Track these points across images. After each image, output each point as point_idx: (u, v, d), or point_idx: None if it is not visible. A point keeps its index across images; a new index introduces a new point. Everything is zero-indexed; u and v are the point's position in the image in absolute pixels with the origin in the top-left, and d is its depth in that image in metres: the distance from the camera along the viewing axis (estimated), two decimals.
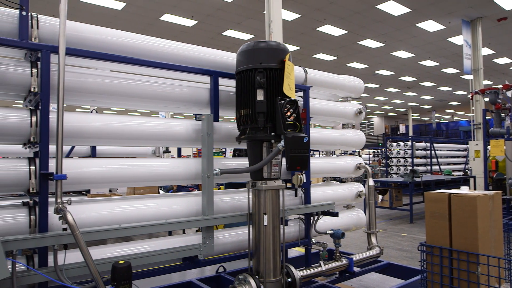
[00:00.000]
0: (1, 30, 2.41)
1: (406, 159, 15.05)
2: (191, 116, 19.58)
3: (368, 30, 13.27)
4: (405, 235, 7.77)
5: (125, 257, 2.48)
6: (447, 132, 31.54)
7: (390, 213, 10.61)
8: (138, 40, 3.03)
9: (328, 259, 3.52)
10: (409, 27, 12.96)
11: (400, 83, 22.90)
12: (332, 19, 12.19)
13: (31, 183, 2.38)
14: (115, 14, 11.40)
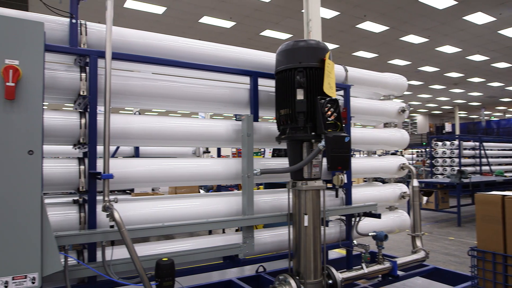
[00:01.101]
0: (54, 38, 2.54)
1: (453, 159, 14.34)
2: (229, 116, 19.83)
3: (411, 25, 12.79)
4: (452, 238, 7.42)
5: (167, 254, 2.54)
6: (498, 130, 29.76)
7: (435, 215, 10.17)
8: (179, 43, 3.10)
9: (370, 261, 3.43)
10: (455, 20, 12.34)
11: (445, 80, 21.90)
12: (373, 15, 11.86)
13: (81, 182, 2.50)
14: (156, 18, 11.75)
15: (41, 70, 1.87)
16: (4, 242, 1.76)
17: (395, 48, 15.58)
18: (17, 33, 1.82)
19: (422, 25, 12.80)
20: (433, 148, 14.92)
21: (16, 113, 1.79)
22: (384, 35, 13.82)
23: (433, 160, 14.76)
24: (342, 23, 12.53)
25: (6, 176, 1.77)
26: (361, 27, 12.95)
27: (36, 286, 1.83)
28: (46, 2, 2.52)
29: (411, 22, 12.53)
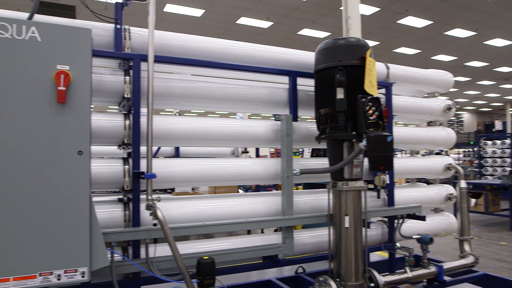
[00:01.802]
0: (100, 43, 2.65)
1: (504, 159, 13.52)
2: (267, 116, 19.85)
3: (457, 18, 12.20)
4: (504, 244, 6.99)
5: (207, 253, 2.57)
6: None
7: (485, 218, 9.64)
8: (217, 44, 3.13)
9: (414, 265, 3.30)
10: (506, 11, 11.63)
11: (495, 75, 20.69)
12: (415, 9, 11.43)
13: (125, 181, 2.59)
14: (195, 21, 11.99)
15: (89, 75, 1.96)
16: (56, 238, 1.86)
17: (439, 43, 14.93)
18: (68, 40, 1.92)
19: (469, 18, 12.18)
20: (482, 147, 14.14)
21: (67, 115, 1.89)
22: (427, 30, 13.28)
23: (482, 160, 14.00)
24: (382, 19, 12.19)
25: (58, 176, 1.87)
26: (402, 23, 12.53)
27: (85, 280, 1.92)
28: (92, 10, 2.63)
29: (457, 15, 11.95)
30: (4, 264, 1.76)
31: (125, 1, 2.61)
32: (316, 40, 13.76)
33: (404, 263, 3.29)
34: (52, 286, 1.88)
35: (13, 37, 1.82)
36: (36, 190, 1.83)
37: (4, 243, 1.77)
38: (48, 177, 1.86)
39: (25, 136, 1.82)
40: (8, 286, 1.77)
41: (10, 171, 1.79)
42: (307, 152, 7.90)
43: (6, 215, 1.77)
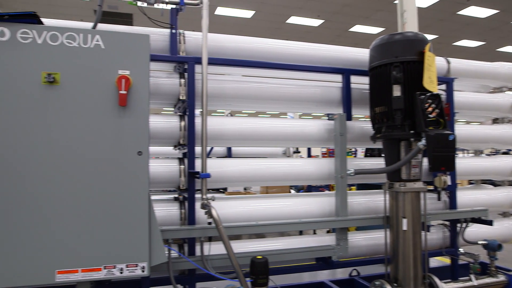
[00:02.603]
0: (156, 48, 2.76)
1: None
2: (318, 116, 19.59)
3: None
4: None
5: (259, 253, 2.58)
6: None
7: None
8: (268, 44, 3.14)
9: (480, 273, 3.08)
10: None
11: None
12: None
13: (181, 181, 2.68)
14: (245, 22, 12.14)
15: (147, 78, 2.05)
16: (118, 234, 1.96)
17: (506, 34, 13.82)
18: (128, 46, 2.02)
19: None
20: None
21: (127, 118, 1.99)
22: (491, 20, 12.35)
23: None
24: (441, 11, 11.52)
25: (119, 175, 1.97)
26: (463, 14, 11.76)
27: (145, 274, 2.01)
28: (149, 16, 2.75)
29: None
30: (73, 257, 1.90)
31: (179, 7, 2.70)
32: (368, 37, 13.35)
33: (467, 270, 3.09)
34: (115, 278, 1.99)
35: (80, 45, 1.95)
36: (100, 189, 1.95)
37: (73, 239, 1.90)
38: (111, 177, 1.97)
39: (90, 138, 1.94)
40: (77, 277, 1.90)
41: (77, 171, 1.92)
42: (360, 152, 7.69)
43: (74, 212, 1.91)
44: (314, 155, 9.16)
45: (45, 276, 1.86)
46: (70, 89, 1.93)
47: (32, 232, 1.85)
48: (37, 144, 1.87)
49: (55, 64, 1.91)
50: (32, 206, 1.86)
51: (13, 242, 1.82)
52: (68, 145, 1.91)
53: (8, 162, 1.83)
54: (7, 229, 1.82)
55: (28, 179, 1.86)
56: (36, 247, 1.85)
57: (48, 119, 1.89)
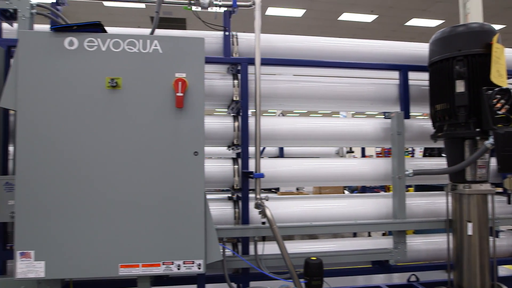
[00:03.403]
0: (210, 50, 2.83)
1: None
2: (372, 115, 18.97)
3: None
4: None
5: (311, 254, 2.55)
6: None
7: None
8: (320, 43, 3.11)
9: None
10: None
11: None
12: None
13: (235, 180, 2.72)
14: (296, 21, 12.07)
15: (203, 80, 2.10)
16: (176, 232, 2.03)
17: None
18: (184, 49, 2.09)
19: None
20: None
21: (184, 119, 2.05)
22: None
23: None
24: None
25: (176, 175, 2.04)
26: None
27: (201, 271, 2.06)
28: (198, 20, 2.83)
29: None
30: (135, 253, 1.99)
31: (232, 9, 2.74)
32: (426, 30, 12.70)
33: None
34: (173, 274, 2.06)
35: (140, 51, 2.05)
36: (159, 188, 2.03)
37: (134, 235, 2.00)
38: (169, 176, 2.04)
39: (149, 139, 2.03)
40: (138, 271, 1.99)
41: (138, 171, 2.02)
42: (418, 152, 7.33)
43: (134, 210, 2.00)
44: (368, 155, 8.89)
45: (109, 269, 1.97)
46: (130, 92, 2.03)
47: (98, 229, 1.97)
48: (101, 145, 1.99)
49: (117, 69, 2.03)
50: (97, 204, 1.98)
51: (82, 238, 1.95)
52: (129, 146, 2.01)
53: (75, 162, 1.97)
54: (75, 226, 1.95)
55: (93, 179, 1.98)
56: (102, 243, 1.97)
57: (111, 122, 2.01)
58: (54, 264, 1.93)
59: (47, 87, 1.97)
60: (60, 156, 1.96)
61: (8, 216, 2.11)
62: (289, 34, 3.12)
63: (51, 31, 2.01)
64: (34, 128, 1.95)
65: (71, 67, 1.99)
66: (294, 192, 6.80)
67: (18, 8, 2.35)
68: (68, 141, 1.97)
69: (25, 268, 1.92)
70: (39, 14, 2.48)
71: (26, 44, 1.98)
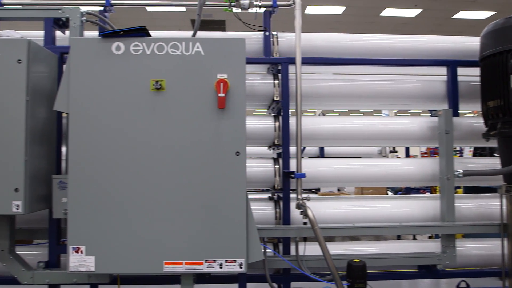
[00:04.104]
0: (250, 51, 2.84)
1: None
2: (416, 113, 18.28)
3: None
4: None
5: (354, 256, 2.49)
6: None
7: None
8: (362, 40, 3.05)
9: None
10: None
11: None
12: None
13: (276, 181, 2.72)
14: (336, 19, 11.87)
15: (244, 81, 2.12)
16: (218, 231, 2.06)
17: None
18: (225, 51, 2.11)
19: None
20: None
21: (226, 119, 2.08)
22: None
23: None
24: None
25: (219, 175, 2.07)
26: None
27: (242, 271, 2.08)
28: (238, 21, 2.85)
29: None
30: (178, 251, 2.04)
31: (272, 9, 2.74)
32: (475, 23, 12.04)
33: None
34: (215, 273, 2.09)
35: (183, 53, 2.10)
36: (201, 188, 2.07)
37: (178, 233, 2.05)
38: (211, 176, 2.07)
39: (192, 139, 2.08)
40: (181, 269, 2.05)
41: (181, 171, 2.06)
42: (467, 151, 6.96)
43: (178, 208, 2.05)
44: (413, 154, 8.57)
45: (154, 266, 2.04)
46: (174, 94, 2.08)
47: (144, 227, 2.04)
48: (146, 146, 2.06)
49: (161, 72, 2.08)
50: (143, 203, 2.05)
51: (129, 235, 2.03)
52: (172, 147, 2.07)
53: (122, 163, 2.05)
54: (123, 224, 2.04)
55: (139, 178, 2.05)
56: (147, 240, 2.04)
57: (155, 123, 2.07)
58: (103, 259, 2.02)
59: (96, 90, 2.07)
60: (108, 156, 2.05)
61: (62, 213, 2.24)
62: (329, 32, 3.07)
63: (99, 37, 2.11)
64: (85, 129, 2.05)
65: (118, 71, 2.08)
66: (335, 193, 6.69)
67: (70, 16, 2.48)
68: (115, 142, 2.06)
69: (77, 262, 2.02)
70: (88, 22, 2.61)
71: (77, 50, 2.09)
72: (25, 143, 2.12)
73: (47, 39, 2.58)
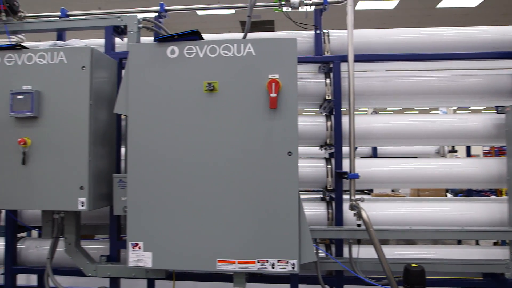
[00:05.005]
0: (300, 50, 2.81)
1: None
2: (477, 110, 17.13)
3: None
4: None
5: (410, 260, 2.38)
6: None
7: None
8: (418, 34, 2.92)
9: None
10: None
11: None
12: None
13: (328, 181, 2.68)
14: (389, 13, 11.44)
15: (295, 81, 2.10)
16: (270, 231, 2.06)
17: None
18: (276, 51, 2.11)
19: None
20: None
21: (278, 119, 2.07)
22: None
23: None
24: None
25: (271, 174, 2.07)
26: None
27: (294, 271, 2.06)
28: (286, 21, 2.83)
29: None
30: (231, 250, 2.07)
31: (323, 6, 2.70)
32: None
33: None
34: (267, 272, 2.10)
35: (234, 55, 2.12)
36: (254, 188, 2.08)
37: (231, 232, 2.07)
38: (263, 176, 2.07)
39: (244, 140, 2.09)
40: (234, 267, 2.07)
41: (233, 171, 2.09)
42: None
43: (230, 208, 2.08)
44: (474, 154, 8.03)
45: (208, 264, 2.08)
46: (226, 95, 2.11)
47: (198, 225, 2.09)
48: (200, 146, 2.11)
49: (214, 73, 2.12)
50: (197, 202, 2.10)
51: (184, 233, 2.09)
52: (225, 147, 2.10)
53: (177, 162, 2.12)
54: (178, 222, 2.10)
55: (194, 178, 2.10)
56: (202, 239, 2.08)
57: (208, 124, 2.11)
58: (160, 256, 2.10)
59: (152, 93, 2.15)
60: (164, 156, 2.12)
61: (122, 210, 2.36)
62: (382, 28, 2.96)
63: (155, 42, 2.20)
64: (142, 131, 2.15)
65: (173, 74, 2.15)
66: (389, 194, 6.44)
67: (127, 24, 2.62)
68: (171, 143, 2.13)
69: (136, 258, 2.12)
70: (144, 28, 2.73)
71: (135, 55, 2.19)
72: (89, 144, 2.26)
73: (107, 46, 2.73)
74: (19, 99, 2.26)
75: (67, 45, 2.46)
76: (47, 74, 2.30)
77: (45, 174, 2.27)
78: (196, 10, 3.05)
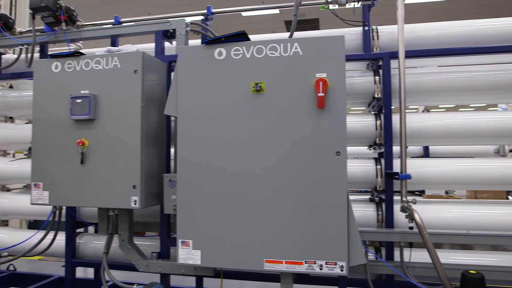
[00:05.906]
0: (348, 47, 2.73)
1: None
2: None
3: None
4: None
5: (467, 266, 2.25)
6: None
7: None
8: (475, 27, 2.75)
9: None
10: None
11: None
12: None
13: (377, 181, 2.59)
14: (440, 6, 10.91)
15: (343, 79, 2.05)
16: (318, 231, 2.03)
17: None
18: (323, 49, 2.07)
19: None
20: None
21: (325, 119, 2.04)
22: None
23: None
24: None
25: (319, 175, 2.04)
26: None
27: (343, 274, 2.01)
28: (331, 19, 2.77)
29: None
30: (279, 250, 2.06)
31: (372, 2, 2.62)
32: None
33: None
34: (314, 274, 2.07)
35: (281, 54, 2.11)
36: (302, 188, 2.06)
37: (278, 232, 2.07)
38: (311, 176, 2.05)
39: (291, 140, 2.07)
40: (281, 267, 2.06)
41: (281, 171, 2.08)
42: None
43: (279, 208, 2.07)
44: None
45: (255, 263, 2.09)
46: (273, 95, 2.11)
47: (246, 225, 2.10)
48: (248, 147, 2.12)
49: (260, 74, 2.13)
50: (245, 202, 2.11)
51: (232, 232, 2.11)
52: (273, 147, 2.09)
53: (226, 162, 2.14)
54: (227, 221, 2.13)
55: (242, 178, 2.12)
56: (250, 238, 2.10)
57: (256, 124, 2.12)
58: (208, 254, 2.14)
59: (201, 94, 2.20)
60: (213, 156, 2.16)
61: (172, 208, 2.43)
62: (434, 22, 2.83)
63: (203, 44, 2.24)
64: (191, 131, 2.20)
65: (221, 75, 2.18)
66: (442, 196, 6.14)
67: (176, 27, 2.70)
68: (219, 143, 2.16)
69: (185, 255, 2.17)
70: (192, 31, 2.80)
71: (183, 58, 2.25)
72: (141, 145, 2.36)
73: (157, 49, 2.82)
74: (78, 102, 2.41)
75: (120, 51, 2.58)
76: (102, 79, 2.43)
77: (101, 174, 2.40)
78: (242, 11, 3.08)
